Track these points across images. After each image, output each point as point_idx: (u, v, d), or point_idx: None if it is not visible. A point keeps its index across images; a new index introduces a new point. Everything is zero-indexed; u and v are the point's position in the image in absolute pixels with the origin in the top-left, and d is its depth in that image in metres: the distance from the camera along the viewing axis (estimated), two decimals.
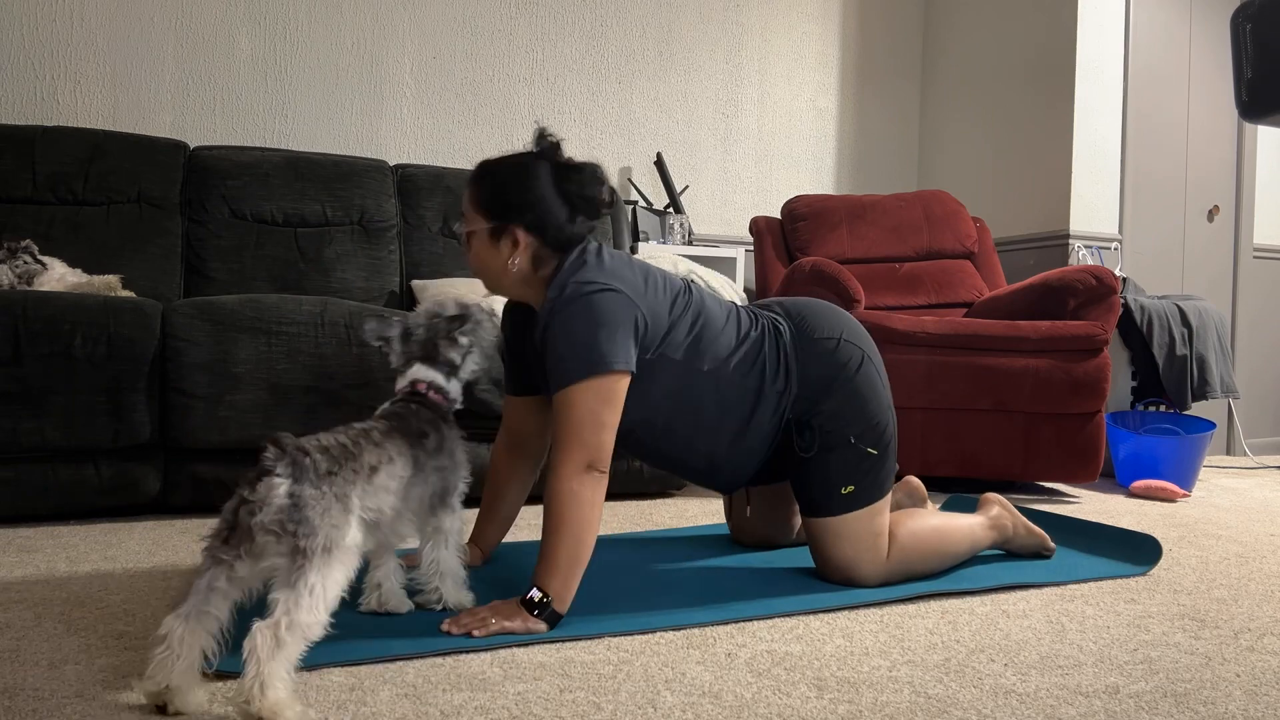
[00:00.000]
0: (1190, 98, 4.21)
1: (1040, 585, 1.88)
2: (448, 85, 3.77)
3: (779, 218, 3.83)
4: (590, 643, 1.47)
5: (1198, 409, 4.06)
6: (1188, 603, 1.80)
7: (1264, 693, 1.33)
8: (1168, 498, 3.11)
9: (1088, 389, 2.97)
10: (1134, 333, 3.61)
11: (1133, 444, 3.32)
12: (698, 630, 1.54)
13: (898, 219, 3.75)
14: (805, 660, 1.41)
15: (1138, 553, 2.10)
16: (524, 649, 1.43)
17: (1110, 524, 2.30)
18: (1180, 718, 1.22)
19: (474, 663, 1.36)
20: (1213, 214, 4.31)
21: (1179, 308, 3.64)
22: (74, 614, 1.55)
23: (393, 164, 3.46)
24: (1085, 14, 3.92)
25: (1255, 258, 4.45)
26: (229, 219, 3.04)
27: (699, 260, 3.75)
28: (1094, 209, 3.96)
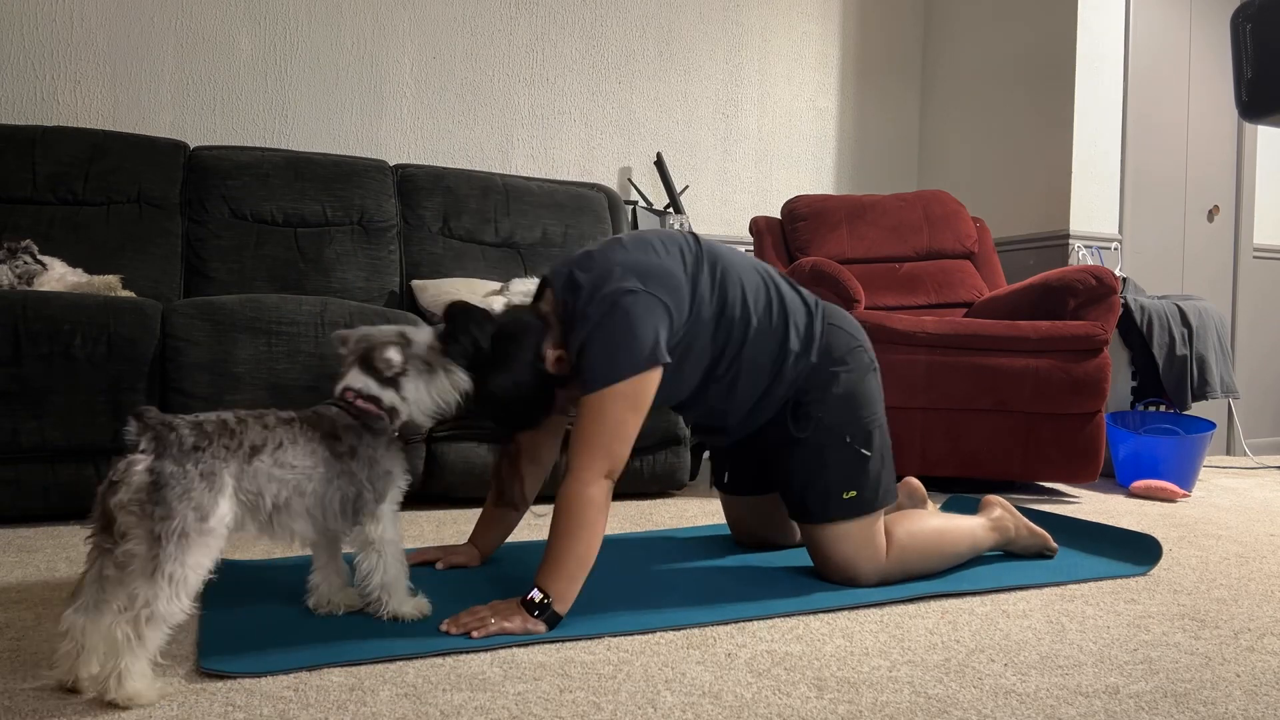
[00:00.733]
0: (1190, 98, 4.21)
1: (1040, 585, 1.88)
2: (448, 85, 3.77)
3: (779, 218, 3.83)
4: (590, 643, 1.46)
5: (1198, 409, 4.07)
6: (1188, 603, 1.80)
7: (1264, 693, 1.33)
8: (1168, 498, 3.11)
9: (1088, 389, 2.97)
10: (1134, 333, 3.61)
11: (1133, 444, 3.32)
12: (698, 630, 1.54)
13: (898, 219, 3.75)
14: (805, 660, 1.41)
15: (1138, 553, 2.10)
16: (524, 649, 1.43)
17: (1110, 524, 2.30)
18: (1180, 718, 1.22)
19: (474, 663, 1.36)
20: (1213, 214, 4.31)
21: (1179, 308, 3.64)
22: None
23: (393, 164, 3.46)
24: (1085, 14, 3.92)
25: (1255, 258, 4.45)
26: (229, 219, 3.04)
27: None
28: (1094, 209, 3.96)
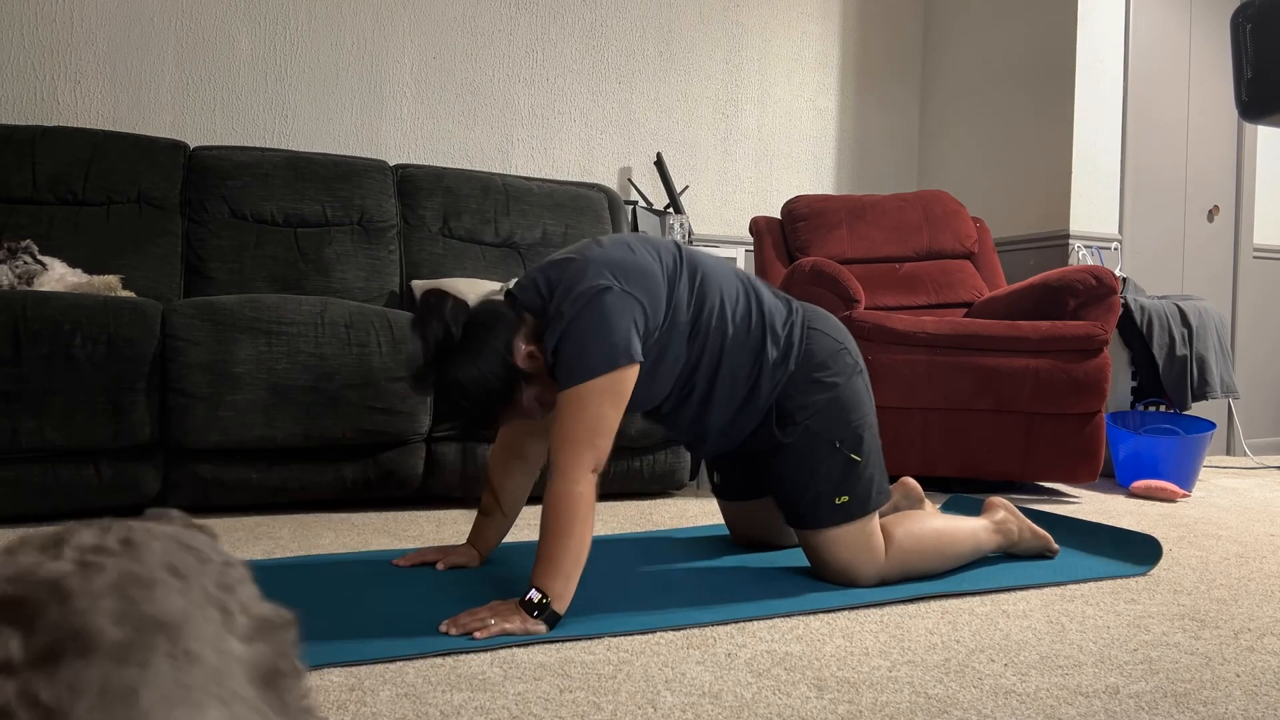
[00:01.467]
0: (1190, 98, 4.21)
1: (1040, 585, 1.88)
2: (448, 85, 3.77)
3: (779, 218, 3.83)
4: (590, 643, 1.46)
5: (1198, 409, 4.07)
6: (1188, 603, 1.80)
7: (1264, 693, 1.33)
8: (1168, 498, 3.11)
9: (1088, 389, 2.97)
10: (1134, 333, 3.61)
11: (1133, 444, 3.32)
12: (698, 630, 1.54)
13: (898, 219, 3.75)
14: (805, 660, 1.41)
15: (1138, 553, 2.10)
16: (524, 649, 1.43)
17: (1110, 524, 2.30)
18: (1180, 718, 1.22)
19: (474, 663, 1.36)
20: (1213, 214, 4.31)
21: (1179, 308, 3.64)
22: None
23: (393, 164, 3.46)
24: (1085, 14, 3.92)
25: (1255, 258, 4.45)
26: (229, 219, 3.04)
27: None
28: (1094, 209, 3.96)
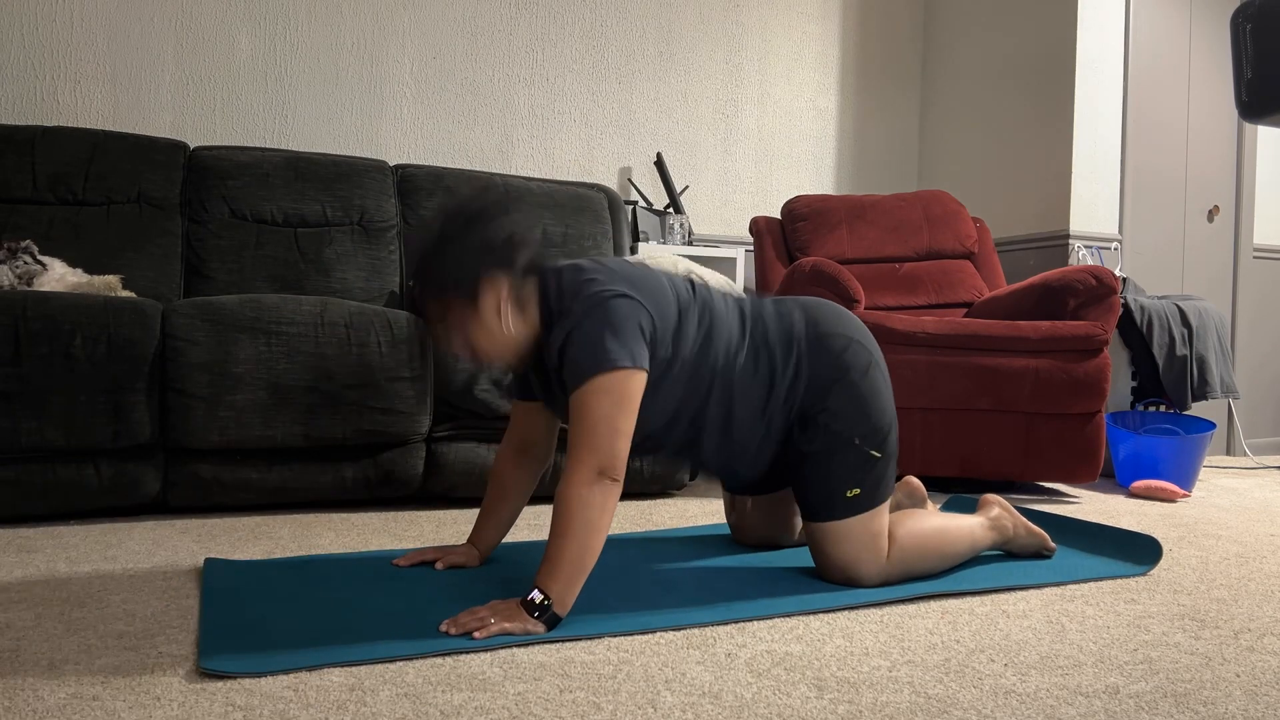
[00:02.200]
0: (1190, 98, 4.21)
1: (1040, 585, 1.88)
2: (448, 85, 3.77)
3: (779, 218, 3.83)
4: (590, 643, 1.46)
5: (1198, 409, 4.07)
6: (1188, 603, 1.80)
7: (1264, 693, 1.33)
8: (1168, 498, 3.11)
9: (1088, 389, 2.97)
10: (1134, 333, 3.61)
11: (1133, 444, 3.32)
12: (698, 630, 1.54)
13: (898, 219, 3.75)
14: (805, 660, 1.41)
15: (1138, 553, 2.10)
16: (524, 649, 1.43)
17: (1110, 524, 2.30)
18: (1180, 718, 1.22)
19: (474, 663, 1.36)
20: (1213, 214, 4.31)
21: (1179, 308, 3.64)
22: (74, 614, 1.55)
23: (393, 164, 3.46)
24: (1085, 14, 3.92)
25: (1255, 258, 4.45)
26: (229, 219, 3.04)
27: (699, 260, 3.76)
28: (1094, 209, 3.96)
